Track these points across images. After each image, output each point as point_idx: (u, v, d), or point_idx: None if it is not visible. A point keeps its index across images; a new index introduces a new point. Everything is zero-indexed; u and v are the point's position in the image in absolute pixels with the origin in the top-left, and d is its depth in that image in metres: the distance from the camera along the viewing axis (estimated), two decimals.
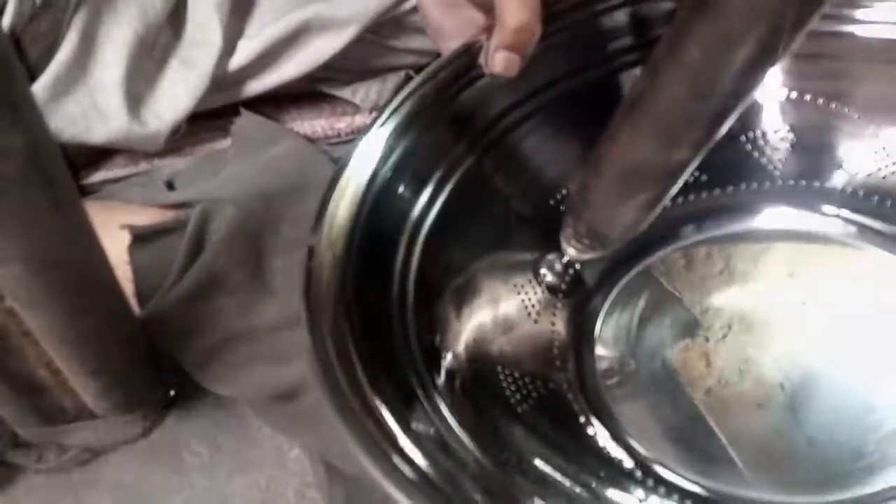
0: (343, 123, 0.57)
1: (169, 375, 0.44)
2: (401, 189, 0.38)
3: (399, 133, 0.38)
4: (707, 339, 0.43)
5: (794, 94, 0.45)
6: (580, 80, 0.43)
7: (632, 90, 0.33)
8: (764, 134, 0.46)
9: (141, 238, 0.41)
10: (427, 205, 0.39)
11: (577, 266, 0.45)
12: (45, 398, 0.40)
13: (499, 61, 0.37)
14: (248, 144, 0.49)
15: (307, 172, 0.46)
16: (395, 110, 0.39)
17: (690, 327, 0.43)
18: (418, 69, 0.60)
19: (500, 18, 0.37)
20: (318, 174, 0.46)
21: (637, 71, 0.43)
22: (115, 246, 0.41)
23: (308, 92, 0.59)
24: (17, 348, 0.37)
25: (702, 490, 0.38)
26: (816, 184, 0.46)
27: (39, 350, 0.37)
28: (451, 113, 0.41)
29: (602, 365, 0.44)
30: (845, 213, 0.45)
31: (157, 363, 0.42)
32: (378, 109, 0.58)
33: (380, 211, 0.37)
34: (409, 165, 0.39)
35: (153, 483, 0.44)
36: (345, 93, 0.58)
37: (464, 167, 0.41)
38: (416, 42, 0.58)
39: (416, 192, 0.39)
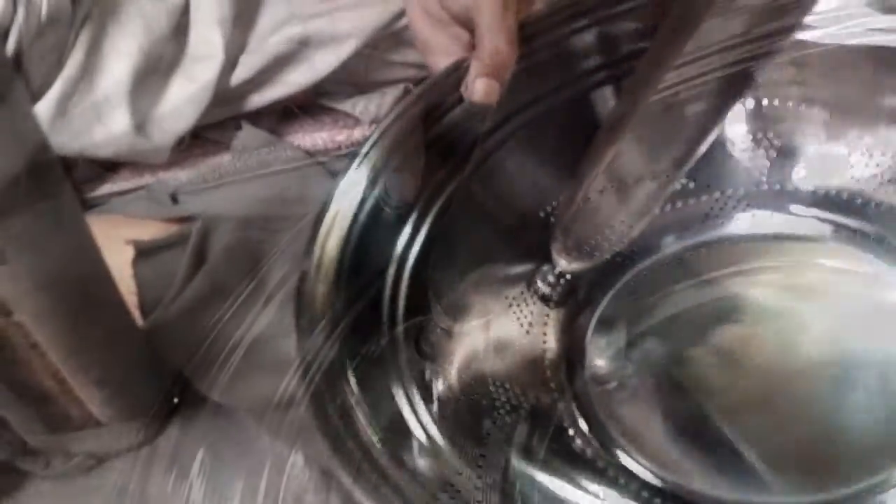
0: (343, 136, 0.58)
1: (172, 384, 0.45)
2: (388, 213, 0.39)
3: (385, 158, 0.39)
4: (751, 321, 0.43)
5: (764, 101, 0.45)
6: (556, 99, 0.43)
7: (615, 108, 0.34)
8: (737, 141, 0.46)
9: (144, 252, 0.43)
10: (414, 229, 0.40)
11: (569, 276, 0.46)
12: (51, 407, 0.41)
13: (478, 89, 0.38)
14: (249, 158, 0.51)
15: (305, 185, 0.48)
16: (381, 134, 0.40)
17: (729, 311, 0.44)
18: (417, 82, 0.62)
19: (477, 43, 0.38)
20: (316, 187, 0.48)
21: (608, 89, 0.43)
22: (120, 259, 0.42)
23: (309, 105, 0.60)
24: (25, 360, 0.38)
25: (699, 498, 0.39)
26: (790, 187, 0.46)
27: (46, 361, 0.38)
28: (434, 137, 0.41)
29: (598, 372, 0.45)
30: (820, 213, 0.46)
31: (160, 372, 0.43)
32: (378, 122, 0.60)
33: (368, 236, 0.38)
34: (396, 190, 0.40)
35: (156, 488, 0.45)
36: (345, 106, 0.60)
37: (449, 189, 0.42)
38: (414, 56, 0.59)
39: (403, 217, 0.40)
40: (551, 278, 0.47)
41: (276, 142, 0.53)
